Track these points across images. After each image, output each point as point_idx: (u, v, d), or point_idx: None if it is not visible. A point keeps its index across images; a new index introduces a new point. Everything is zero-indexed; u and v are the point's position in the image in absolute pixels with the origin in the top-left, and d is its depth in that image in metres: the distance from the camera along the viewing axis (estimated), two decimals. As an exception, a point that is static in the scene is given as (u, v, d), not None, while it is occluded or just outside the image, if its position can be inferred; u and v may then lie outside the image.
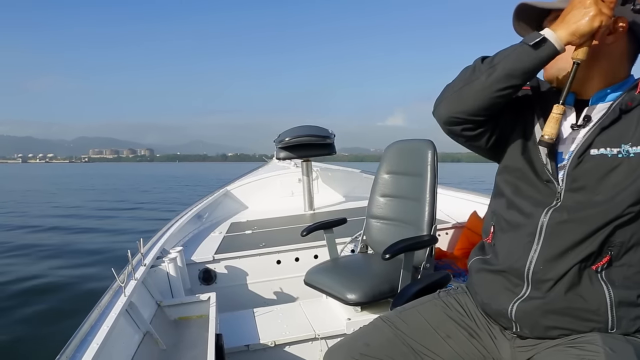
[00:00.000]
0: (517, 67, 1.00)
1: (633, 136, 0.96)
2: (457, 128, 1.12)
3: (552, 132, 1.00)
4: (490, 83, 1.02)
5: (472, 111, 1.07)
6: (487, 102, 1.05)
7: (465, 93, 1.06)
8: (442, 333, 1.18)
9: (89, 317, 1.59)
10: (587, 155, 0.99)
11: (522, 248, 1.05)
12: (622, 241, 0.97)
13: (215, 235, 3.54)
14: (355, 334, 1.25)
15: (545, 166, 1.05)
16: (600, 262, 0.97)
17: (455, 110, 1.09)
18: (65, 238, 8.86)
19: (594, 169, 0.98)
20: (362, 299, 2.03)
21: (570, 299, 0.99)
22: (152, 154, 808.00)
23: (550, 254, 1.01)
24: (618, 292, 0.97)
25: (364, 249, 2.60)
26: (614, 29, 1.00)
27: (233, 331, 2.13)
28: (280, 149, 4.19)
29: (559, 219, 1.01)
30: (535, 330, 1.04)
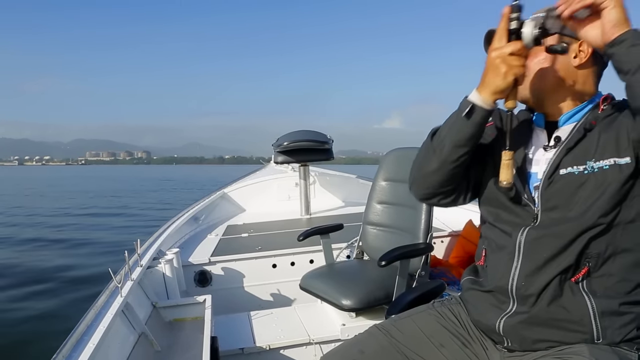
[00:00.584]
0: (460, 138, 1.08)
1: (596, 152, 1.00)
2: (433, 201, 1.22)
3: (507, 177, 1.05)
4: (443, 159, 1.12)
5: (439, 187, 1.17)
6: (448, 175, 1.14)
7: (427, 174, 1.16)
8: (436, 342, 1.20)
9: (85, 317, 1.60)
10: (556, 175, 1.03)
11: (504, 267, 1.09)
12: (598, 252, 1.00)
13: (211, 238, 3.55)
14: (350, 341, 1.27)
15: (520, 192, 1.09)
16: (579, 274, 1.00)
17: (425, 191, 1.20)
18: (64, 235, 8.85)
19: (564, 188, 1.02)
20: (357, 305, 2.04)
21: (554, 311, 1.02)
22: (149, 156, 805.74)
23: (530, 269, 1.05)
24: (600, 302, 0.99)
25: (360, 255, 2.62)
26: (579, 52, 1.04)
27: (228, 334, 2.14)
28: (279, 153, 4.21)
29: (534, 235, 1.05)
30: (524, 343, 1.07)
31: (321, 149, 4.18)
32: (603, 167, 0.98)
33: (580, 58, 1.05)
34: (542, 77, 1.08)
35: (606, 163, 0.98)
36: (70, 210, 14.14)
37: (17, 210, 14.11)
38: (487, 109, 1.04)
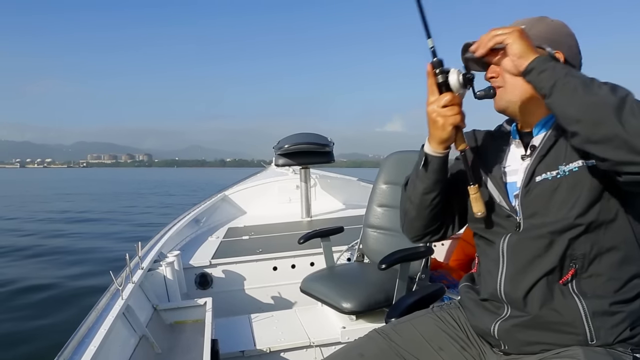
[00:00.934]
0: (426, 185, 1.17)
1: (565, 156, 1.02)
2: (424, 240, 1.30)
3: (479, 209, 1.10)
4: (417, 205, 1.21)
5: (424, 229, 1.26)
6: (429, 218, 1.23)
7: (410, 220, 1.27)
8: (435, 345, 1.21)
9: (87, 320, 1.61)
10: (532, 183, 1.05)
11: (493, 274, 1.13)
12: (584, 253, 1.01)
13: (212, 240, 3.55)
14: (350, 345, 1.29)
15: (502, 205, 1.11)
16: (566, 276, 1.02)
17: (414, 235, 1.29)
18: (63, 241, 8.86)
19: (541, 194, 1.04)
20: (357, 308, 2.05)
21: (546, 314, 1.03)
22: (150, 159, 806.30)
23: (513, 273, 1.07)
24: (590, 302, 1.00)
25: (360, 258, 2.62)
26: None
27: (228, 336, 2.14)
28: (280, 155, 4.22)
29: (515, 240, 1.08)
30: (519, 346, 1.08)
31: (322, 152, 4.19)
32: (573, 170, 1.00)
33: None
34: (517, 88, 1.10)
35: (575, 165, 1.00)
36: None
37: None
38: (440, 156, 1.13)
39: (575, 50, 1.11)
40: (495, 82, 1.12)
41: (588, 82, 0.87)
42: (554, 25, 1.11)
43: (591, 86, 0.86)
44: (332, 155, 4.31)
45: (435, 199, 1.18)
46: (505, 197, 1.11)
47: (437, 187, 1.17)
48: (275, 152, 4.30)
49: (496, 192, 1.12)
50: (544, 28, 1.10)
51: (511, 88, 1.10)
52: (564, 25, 1.13)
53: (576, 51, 1.11)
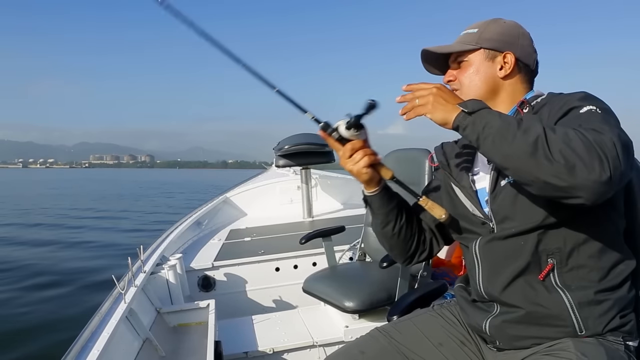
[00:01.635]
0: (380, 219, 1.23)
1: None
2: (414, 262, 1.31)
3: (440, 212, 1.12)
4: (384, 238, 1.27)
5: (404, 253, 1.28)
6: (401, 244, 1.26)
7: (390, 250, 1.31)
8: (435, 341, 1.22)
9: (90, 324, 1.61)
10: (498, 187, 1.06)
11: (474, 276, 1.15)
12: (558, 247, 1.01)
13: (214, 242, 3.56)
14: (352, 343, 1.30)
15: (476, 214, 1.12)
16: (544, 271, 1.02)
17: (401, 260, 1.31)
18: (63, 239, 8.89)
19: (506, 198, 1.04)
20: (359, 307, 2.05)
21: (533, 309, 1.03)
22: (152, 160, 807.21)
23: (488, 273, 1.10)
24: (575, 294, 1.01)
25: (362, 257, 2.62)
26: (503, 64, 1.12)
27: (232, 338, 2.15)
28: (280, 156, 4.22)
29: (484, 240, 1.10)
30: (511, 341, 1.09)
31: (322, 152, 4.19)
32: None
33: (505, 69, 1.12)
34: (472, 89, 1.14)
35: None
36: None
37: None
38: (376, 194, 1.19)
39: (528, 49, 1.14)
40: (452, 85, 1.17)
41: (504, 132, 0.87)
42: (507, 27, 1.15)
43: (506, 136, 0.86)
44: (333, 155, 4.31)
45: (395, 228, 1.22)
46: (477, 205, 1.12)
47: (392, 216, 1.21)
48: (275, 153, 4.30)
49: (468, 203, 1.14)
50: (497, 29, 1.13)
51: (467, 90, 1.15)
52: (517, 25, 1.16)
53: (530, 50, 1.15)
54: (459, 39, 1.17)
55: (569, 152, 0.80)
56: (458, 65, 1.16)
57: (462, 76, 1.15)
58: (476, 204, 1.12)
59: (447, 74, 1.18)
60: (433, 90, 0.98)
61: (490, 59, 1.13)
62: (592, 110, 0.93)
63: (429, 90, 0.98)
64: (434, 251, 1.30)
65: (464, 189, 1.15)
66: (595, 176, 0.78)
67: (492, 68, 1.13)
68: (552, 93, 1.10)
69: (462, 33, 1.17)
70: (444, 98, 0.97)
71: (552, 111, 1.00)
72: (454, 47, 1.16)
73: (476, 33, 1.14)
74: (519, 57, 1.12)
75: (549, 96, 1.09)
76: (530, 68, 1.15)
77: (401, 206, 1.24)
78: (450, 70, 1.18)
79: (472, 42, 1.13)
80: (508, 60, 1.12)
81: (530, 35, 1.16)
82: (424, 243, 1.28)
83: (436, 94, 0.97)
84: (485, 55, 1.13)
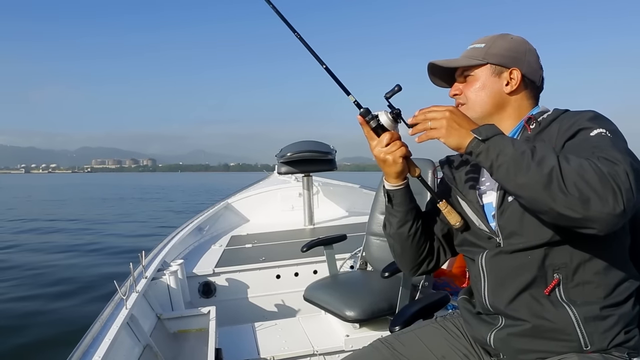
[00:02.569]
0: (398, 218, 1.22)
1: None
2: (420, 271, 1.31)
3: (455, 220, 1.14)
4: (398, 240, 1.25)
5: (414, 260, 1.27)
6: (413, 248, 1.25)
7: (399, 256, 1.29)
8: (438, 354, 1.22)
9: (91, 330, 1.61)
10: (505, 203, 1.06)
11: (477, 288, 1.15)
12: (565, 262, 1.01)
13: (215, 248, 3.56)
14: (354, 354, 1.30)
15: (482, 228, 1.13)
16: (550, 286, 1.02)
17: (408, 267, 1.30)
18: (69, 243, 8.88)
19: (514, 214, 1.05)
20: (360, 316, 2.04)
21: (538, 323, 1.03)
22: (154, 164, 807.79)
23: (494, 285, 1.10)
24: (581, 309, 1.01)
25: (364, 266, 2.62)
26: (510, 80, 1.13)
27: (232, 345, 2.14)
28: (282, 163, 4.23)
29: (491, 254, 1.10)
30: (515, 355, 1.09)
31: (324, 160, 4.20)
32: None
33: (512, 85, 1.13)
34: (478, 104, 1.15)
35: None
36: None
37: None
38: (401, 188, 1.18)
39: (535, 66, 1.15)
40: (458, 99, 1.18)
41: (518, 161, 0.87)
42: (514, 42, 1.15)
43: (521, 166, 0.86)
44: (335, 162, 4.32)
45: (411, 229, 1.22)
46: (484, 220, 1.12)
47: (410, 216, 1.21)
48: (277, 160, 4.31)
49: (475, 217, 1.14)
50: (505, 45, 1.14)
51: (473, 104, 1.15)
52: (524, 41, 1.16)
53: (536, 67, 1.15)
54: (465, 53, 1.18)
55: (583, 185, 0.80)
56: (464, 79, 1.17)
57: (468, 91, 1.15)
58: (483, 218, 1.12)
59: (453, 88, 1.19)
60: (446, 114, 0.97)
61: (497, 75, 1.13)
62: (602, 133, 0.94)
63: (442, 113, 0.98)
64: (441, 261, 1.30)
65: (470, 203, 1.15)
66: (609, 209, 0.79)
67: (499, 84, 1.13)
68: (558, 109, 1.11)
69: (469, 47, 1.18)
70: (458, 122, 0.97)
71: (561, 130, 1.01)
72: (461, 61, 1.16)
73: (483, 48, 1.14)
74: (525, 73, 1.13)
75: (555, 112, 1.10)
76: (536, 84, 1.16)
77: (419, 209, 1.24)
78: (457, 84, 1.19)
79: (479, 57, 1.14)
80: (514, 77, 1.12)
81: (536, 52, 1.17)
82: (433, 252, 1.28)
83: (450, 118, 0.97)
84: (492, 71, 1.13)
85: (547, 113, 1.11)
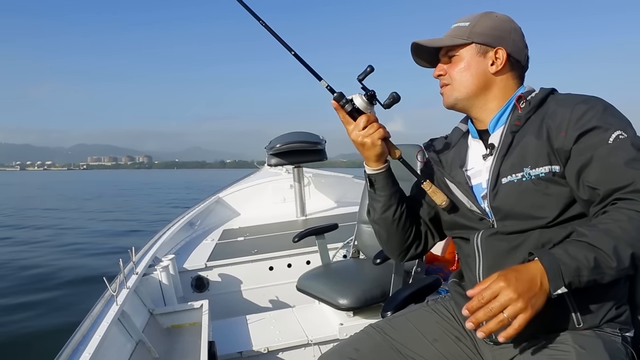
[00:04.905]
0: (382, 202, 1.20)
1: (531, 159, 1.02)
2: (408, 257, 1.29)
3: (440, 199, 1.13)
4: (383, 225, 1.23)
5: (401, 245, 1.26)
6: (399, 232, 1.23)
7: (385, 242, 1.28)
8: (430, 337, 1.22)
9: (81, 327, 1.59)
10: (499, 185, 1.06)
11: (472, 269, 1.14)
12: (561, 240, 1.00)
13: (207, 243, 3.54)
14: (346, 341, 1.29)
15: (472, 209, 1.12)
16: None
17: (396, 253, 1.29)
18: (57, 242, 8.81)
19: (508, 196, 1.04)
20: (354, 304, 2.04)
21: None
22: (150, 160, 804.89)
23: (489, 264, 1.09)
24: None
25: (356, 254, 2.62)
26: (495, 59, 1.11)
27: (226, 338, 2.13)
28: (272, 155, 4.20)
29: (486, 234, 1.09)
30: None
31: (314, 150, 4.17)
32: (540, 175, 1.00)
33: (497, 65, 1.11)
34: (463, 84, 1.13)
35: (542, 171, 1.00)
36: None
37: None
38: (380, 172, 1.18)
39: (520, 44, 1.13)
40: (443, 79, 1.16)
41: (597, 268, 0.86)
42: (499, 21, 1.13)
43: (603, 270, 0.86)
44: (325, 153, 4.29)
45: (396, 213, 1.20)
46: (474, 201, 1.11)
47: (394, 200, 1.20)
48: (267, 152, 4.29)
49: (465, 199, 1.13)
50: (489, 24, 1.12)
51: (458, 85, 1.13)
52: (509, 20, 1.14)
53: (521, 45, 1.13)
54: (449, 32, 1.15)
55: None
56: (449, 60, 1.15)
57: (452, 71, 1.14)
58: (473, 199, 1.12)
59: (437, 68, 1.17)
60: (512, 295, 0.84)
61: (482, 54, 1.11)
62: (620, 137, 0.94)
63: (508, 295, 0.84)
64: (429, 245, 1.29)
65: (460, 184, 1.14)
66: None
67: (484, 63, 1.11)
68: (544, 88, 1.10)
69: (453, 26, 1.15)
70: (525, 289, 0.85)
71: (573, 117, 0.98)
72: (445, 41, 1.14)
73: (467, 27, 1.12)
74: (510, 52, 1.10)
75: (542, 91, 1.09)
76: (521, 64, 1.14)
77: (402, 192, 1.22)
78: (441, 65, 1.16)
79: (463, 36, 1.12)
80: (500, 56, 1.10)
81: (521, 30, 1.15)
82: (420, 236, 1.27)
83: (521, 294, 0.84)
84: (477, 50, 1.11)
85: (535, 92, 1.10)
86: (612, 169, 0.92)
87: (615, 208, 0.90)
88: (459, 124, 1.26)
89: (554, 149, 1.00)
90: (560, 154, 0.99)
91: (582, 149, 0.96)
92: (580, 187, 0.97)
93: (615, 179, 0.91)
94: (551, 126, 1.01)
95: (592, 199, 0.95)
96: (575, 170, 0.97)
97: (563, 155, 0.98)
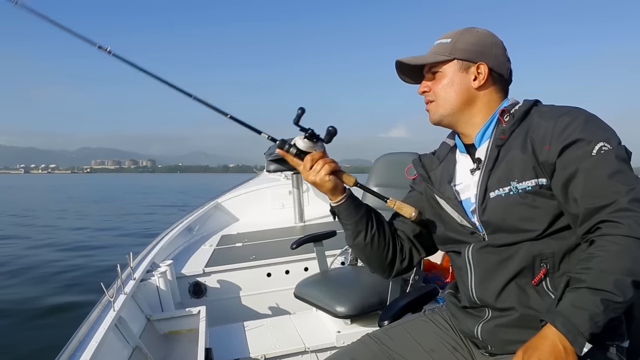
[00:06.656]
0: (351, 230, 1.23)
1: (517, 173, 1.03)
2: (395, 271, 1.29)
3: (409, 212, 1.16)
4: (359, 250, 1.26)
5: (382, 265, 1.27)
6: (376, 254, 1.25)
7: (368, 264, 1.30)
8: (427, 347, 1.22)
9: (78, 333, 1.59)
10: (487, 199, 1.07)
11: (465, 281, 1.15)
12: (552, 252, 1.02)
13: (205, 248, 3.53)
14: (342, 350, 1.29)
15: (463, 224, 1.13)
16: (538, 276, 1.03)
17: (382, 273, 1.30)
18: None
19: (497, 210, 1.05)
20: (351, 312, 2.04)
21: (525, 313, 1.04)
22: (154, 164, 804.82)
23: (481, 277, 1.10)
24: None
25: (354, 262, 2.62)
26: (477, 74, 1.12)
27: (223, 345, 2.13)
28: (271, 161, 4.21)
29: (477, 247, 1.10)
30: (503, 346, 1.10)
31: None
32: (526, 189, 1.02)
33: (479, 80, 1.12)
34: (447, 100, 1.15)
35: (529, 184, 1.02)
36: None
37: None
38: (342, 203, 1.20)
39: (501, 58, 1.15)
40: (427, 96, 1.17)
41: (607, 310, 0.87)
42: (480, 36, 1.14)
43: (612, 307, 0.87)
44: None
45: (366, 237, 1.22)
46: (464, 216, 1.12)
47: (361, 226, 1.21)
48: (266, 158, 4.29)
49: (455, 214, 1.14)
50: (470, 39, 1.13)
51: (442, 101, 1.15)
52: (491, 34, 1.16)
53: (503, 59, 1.15)
54: (432, 49, 1.17)
55: None
56: (432, 76, 1.16)
57: (436, 87, 1.15)
58: (463, 214, 1.13)
59: (421, 85, 1.19)
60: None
61: (464, 70, 1.13)
62: (603, 149, 0.95)
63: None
64: (415, 260, 1.30)
65: (449, 200, 1.16)
66: None
67: (466, 79, 1.13)
68: (528, 100, 1.11)
69: (436, 42, 1.17)
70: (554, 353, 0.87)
71: (556, 130, 1.00)
72: (428, 58, 1.16)
73: (449, 43, 1.14)
74: (492, 67, 1.12)
75: (526, 103, 1.10)
76: (504, 77, 1.15)
77: (370, 214, 1.24)
78: (425, 81, 1.18)
79: (445, 53, 1.13)
80: (482, 71, 1.12)
81: (503, 44, 1.16)
82: (402, 252, 1.27)
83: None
84: (459, 66, 1.13)
85: (518, 105, 1.12)
86: (596, 183, 0.93)
87: (602, 237, 0.91)
88: (446, 139, 1.28)
89: (539, 162, 1.01)
90: (545, 167, 1.00)
91: (566, 162, 0.97)
92: (567, 200, 0.98)
93: (599, 195, 0.92)
94: (535, 139, 1.02)
95: (578, 213, 0.96)
96: (560, 183, 0.98)
97: (548, 168, 1.00)
